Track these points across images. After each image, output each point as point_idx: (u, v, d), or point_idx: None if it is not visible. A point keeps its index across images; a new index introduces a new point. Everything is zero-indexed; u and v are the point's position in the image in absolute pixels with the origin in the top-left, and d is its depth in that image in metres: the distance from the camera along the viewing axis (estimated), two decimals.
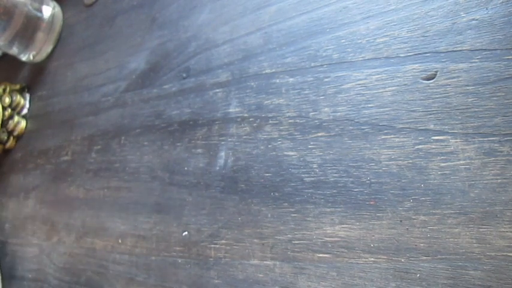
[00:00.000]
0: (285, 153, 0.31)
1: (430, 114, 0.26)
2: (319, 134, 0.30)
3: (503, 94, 0.24)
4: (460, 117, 0.25)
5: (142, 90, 0.44)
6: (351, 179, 0.28)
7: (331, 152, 0.29)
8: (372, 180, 0.27)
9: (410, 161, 0.26)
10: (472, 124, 0.24)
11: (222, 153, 0.35)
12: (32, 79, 0.60)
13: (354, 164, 0.28)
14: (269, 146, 0.32)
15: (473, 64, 0.25)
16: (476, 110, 0.24)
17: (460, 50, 0.26)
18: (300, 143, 0.31)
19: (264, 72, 0.35)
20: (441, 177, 0.24)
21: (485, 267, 0.22)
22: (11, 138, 0.56)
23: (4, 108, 0.55)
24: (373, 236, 0.26)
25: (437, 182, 0.24)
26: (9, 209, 0.53)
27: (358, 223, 0.26)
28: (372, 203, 0.26)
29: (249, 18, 0.37)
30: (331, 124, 0.29)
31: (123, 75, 0.46)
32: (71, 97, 0.52)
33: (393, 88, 0.28)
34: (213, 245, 0.33)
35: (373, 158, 0.27)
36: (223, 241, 0.32)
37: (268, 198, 0.31)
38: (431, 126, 0.25)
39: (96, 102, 0.48)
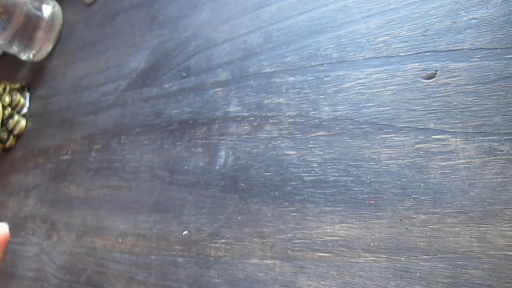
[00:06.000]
0: (285, 152, 0.31)
1: (430, 113, 0.26)
2: (319, 133, 0.30)
3: (503, 93, 0.24)
4: (460, 116, 0.25)
5: (143, 89, 0.44)
6: (351, 178, 0.28)
7: (331, 151, 0.29)
8: (372, 180, 0.27)
9: (411, 160, 0.26)
10: (472, 123, 0.24)
11: (222, 153, 0.35)
12: (32, 78, 0.60)
13: (353, 163, 0.28)
14: (269, 145, 0.32)
15: (474, 63, 0.25)
16: (476, 109, 0.24)
17: (460, 49, 0.26)
18: (300, 142, 0.31)
19: (264, 71, 0.35)
20: (441, 176, 0.24)
21: (485, 266, 0.22)
22: (11, 137, 0.56)
23: (4, 107, 0.55)
24: (373, 235, 0.26)
25: (437, 181, 0.24)
26: (9, 208, 0.53)
27: (358, 222, 0.26)
28: (371, 202, 0.26)
29: (249, 17, 0.37)
30: (331, 123, 0.29)
31: (123, 74, 0.46)
32: (71, 96, 0.52)
33: (393, 87, 0.28)
34: (213, 244, 0.33)
35: (373, 157, 0.27)
36: (223, 240, 0.32)
37: (268, 198, 0.31)
38: (432, 125, 0.25)
39: (96, 101, 0.48)
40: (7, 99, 0.56)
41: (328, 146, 0.29)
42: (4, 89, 0.58)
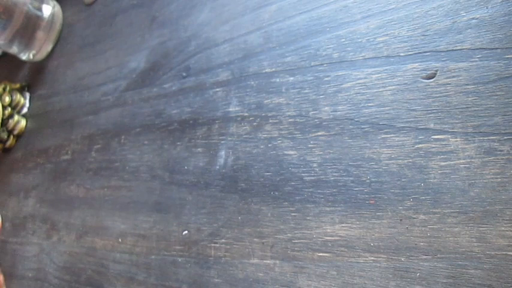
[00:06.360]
0: (285, 152, 0.31)
1: (430, 114, 0.26)
2: (319, 133, 0.30)
3: (503, 93, 0.24)
4: (460, 117, 0.25)
5: (142, 89, 0.44)
6: (351, 178, 0.28)
7: (331, 151, 0.29)
8: (372, 180, 0.27)
9: (410, 160, 0.26)
10: (472, 123, 0.24)
11: (222, 153, 0.35)
12: (32, 78, 0.60)
13: (354, 163, 0.28)
14: (269, 145, 0.32)
15: (474, 63, 0.25)
16: (476, 109, 0.24)
17: (460, 49, 0.26)
18: (300, 142, 0.31)
19: (264, 71, 0.35)
20: (441, 176, 0.24)
21: (485, 266, 0.22)
22: (11, 137, 0.56)
23: (4, 107, 0.55)
24: (373, 235, 0.26)
25: (437, 181, 0.24)
26: (10, 208, 0.53)
27: (358, 222, 0.26)
28: (371, 202, 0.26)
29: (249, 17, 0.37)
30: (331, 123, 0.29)
31: (123, 74, 0.46)
32: (71, 96, 0.52)
33: (393, 87, 0.28)
34: (213, 244, 0.33)
35: (373, 157, 0.27)
36: (223, 240, 0.32)
37: (268, 198, 0.31)
38: (432, 126, 0.25)
39: (96, 101, 0.48)
40: (7, 99, 0.56)
41: (328, 146, 0.29)
42: (4, 89, 0.58)
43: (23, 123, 0.56)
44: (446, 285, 0.23)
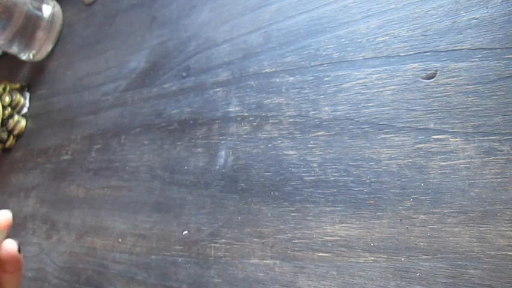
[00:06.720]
0: (285, 152, 0.31)
1: (430, 113, 0.26)
2: (319, 133, 0.30)
3: (503, 93, 0.24)
4: (460, 116, 0.25)
5: (143, 89, 0.44)
6: (351, 178, 0.28)
7: (331, 151, 0.29)
8: (372, 180, 0.27)
9: (410, 160, 0.26)
10: (472, 123, 0.24)
11: (222, 152, 0.35)
12: (32, 78, 0.60)
13: (354, 163, 0.28)
14: (269, 145, 0.32)
15: (474, 63, 0.25)
16: (476, 109, 0.24)
17: (460, 49, 0.26)
18: (300, 142, 0.31)
19: (264, 71, 0.35)
20: (441, 176, 0.24)
21: (485, 266, 0.22)
22: (11, 137, 0.56)
23: (4, 107, 0.55)
24: (373, 235, 0.26)
25: (437, 181, 0.24)
26: (9, 208, 0.53)
27: (358, 222, 0.26)
28: (371, 202, 0.26)
29: (249, 17, 0.37)
30: (331, 123, 0.29)
31: (123, 74, 0.46)
32: (71, 96, 0.52)
33: (393, 87, 0.28)
34: (213, 244, 0.33)
35: (373, 157, 0.27)
36: (223, 240, 0.32)
37: (268, 197, 0.31)
38: (432, 125, 0.25)
39: (96, 101, 0.48)
40: (7, 99, 0.56)
41: (328, 146, 0.29)
42: (4, 89, 0.58)
43: (23, 123, 0.57)
44: (446, 285, 0.23)
